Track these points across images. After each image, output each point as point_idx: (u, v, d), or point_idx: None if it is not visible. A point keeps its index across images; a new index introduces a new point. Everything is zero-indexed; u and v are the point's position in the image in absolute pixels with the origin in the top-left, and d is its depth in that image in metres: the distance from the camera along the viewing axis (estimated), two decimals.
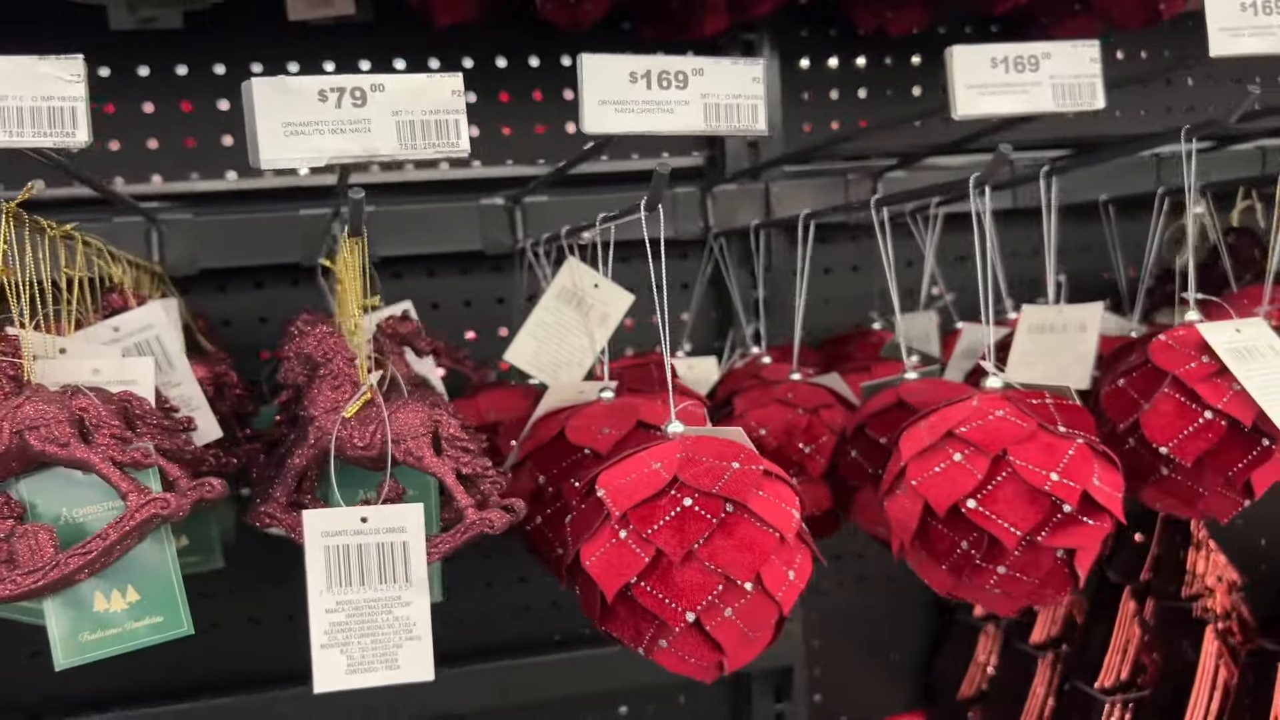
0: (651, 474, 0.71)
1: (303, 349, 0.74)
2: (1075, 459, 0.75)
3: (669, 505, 0.68)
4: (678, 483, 0.69)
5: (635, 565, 0.67)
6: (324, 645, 0.68)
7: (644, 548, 0.68)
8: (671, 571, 0.67)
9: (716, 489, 0.68)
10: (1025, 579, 0.75)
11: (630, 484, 0.70)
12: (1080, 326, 1.01)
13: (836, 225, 1.47)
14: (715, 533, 0.67)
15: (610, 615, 0.70)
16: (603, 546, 0.69)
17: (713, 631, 0.67)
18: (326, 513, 0.68)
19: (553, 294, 1.02)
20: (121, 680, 1.28)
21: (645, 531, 0.67)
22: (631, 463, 0.73)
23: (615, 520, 0.69)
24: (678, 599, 0.66)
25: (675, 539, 0.67)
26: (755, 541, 0.67)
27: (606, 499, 0.70)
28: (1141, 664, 1.31)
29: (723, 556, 0.67)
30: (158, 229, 1.20)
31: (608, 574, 0.68)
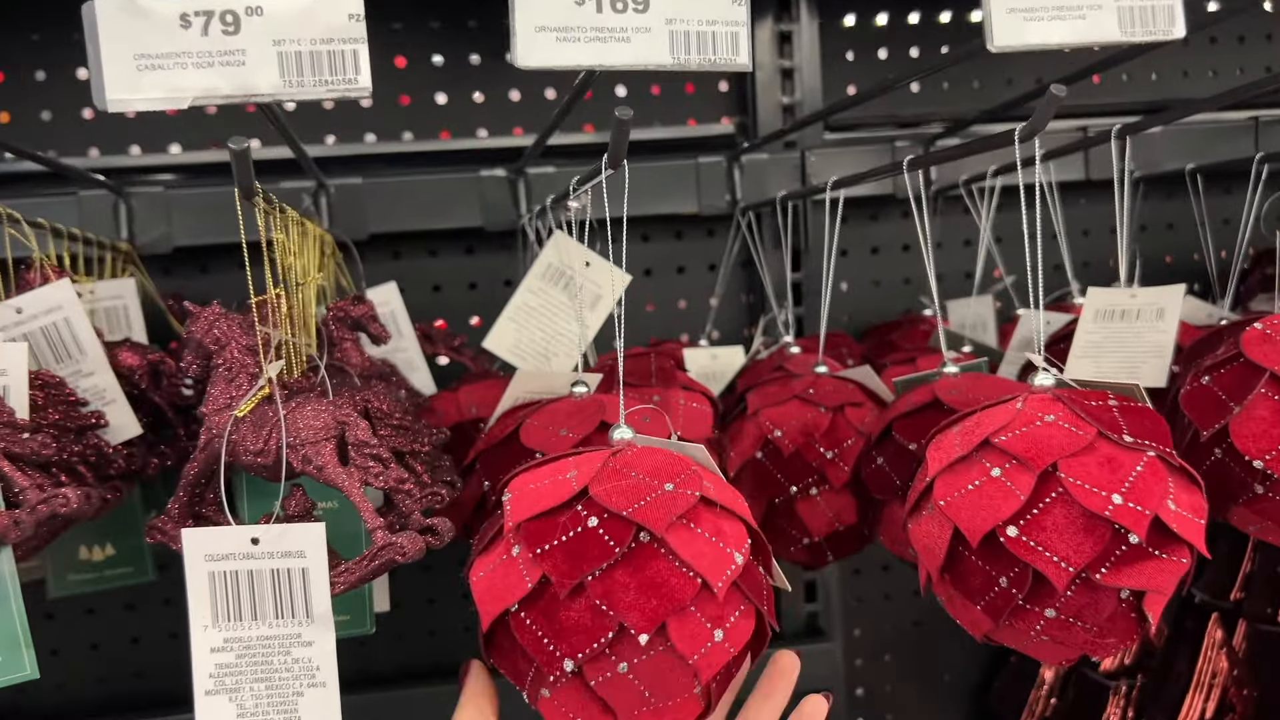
0: (562, 483, 0.58)
1: (192, 334, 0.63)
2: (1145, 476, 0.60)
3: (569, 523, 0.56)
4: (586, 497, 0.56)
5: (517, 590, 0.55)
6: (209, 692, 0.57)
7: (531, 570, 0.55)
8: (556, 605, 0.54)
9: (629, 511, 0.55)
10: (1080, 625, 0.60)
11: (536, 491, 0.58)
12: (1157, 313, 0.85)
13: (885, 200, 1.32)
14: (618, 565, 0.54)
15: (492, 645, 0.59)
16: (493, 562, 0.58)
17: (599, 688, 0.54)
18: (209, 532, 0.56)
19: (537, 273, 0.89)
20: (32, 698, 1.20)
21: (535, 550, 0.55)
22: (553, 467, 0.60)
23: (509, 532, 0.57)
24: (557, 640, 0.54)
25: (566, 565, 0.54)
26: (665, 585, 0.54)
27: (508, 505, 0.59)
28: (1229, 702, 1.14)
29: (619, 597, 0.53)
30: (126, 203, 1.10)
31: (488, 596, 0.56)
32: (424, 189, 1.16)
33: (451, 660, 1.29)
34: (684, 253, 1.30)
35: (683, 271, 1.31)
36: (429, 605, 1.29)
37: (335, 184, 1.13)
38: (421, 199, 1.16)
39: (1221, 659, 1.14)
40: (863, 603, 1.39)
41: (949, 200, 1.30)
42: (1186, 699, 1.13)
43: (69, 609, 1.20)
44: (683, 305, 1.31)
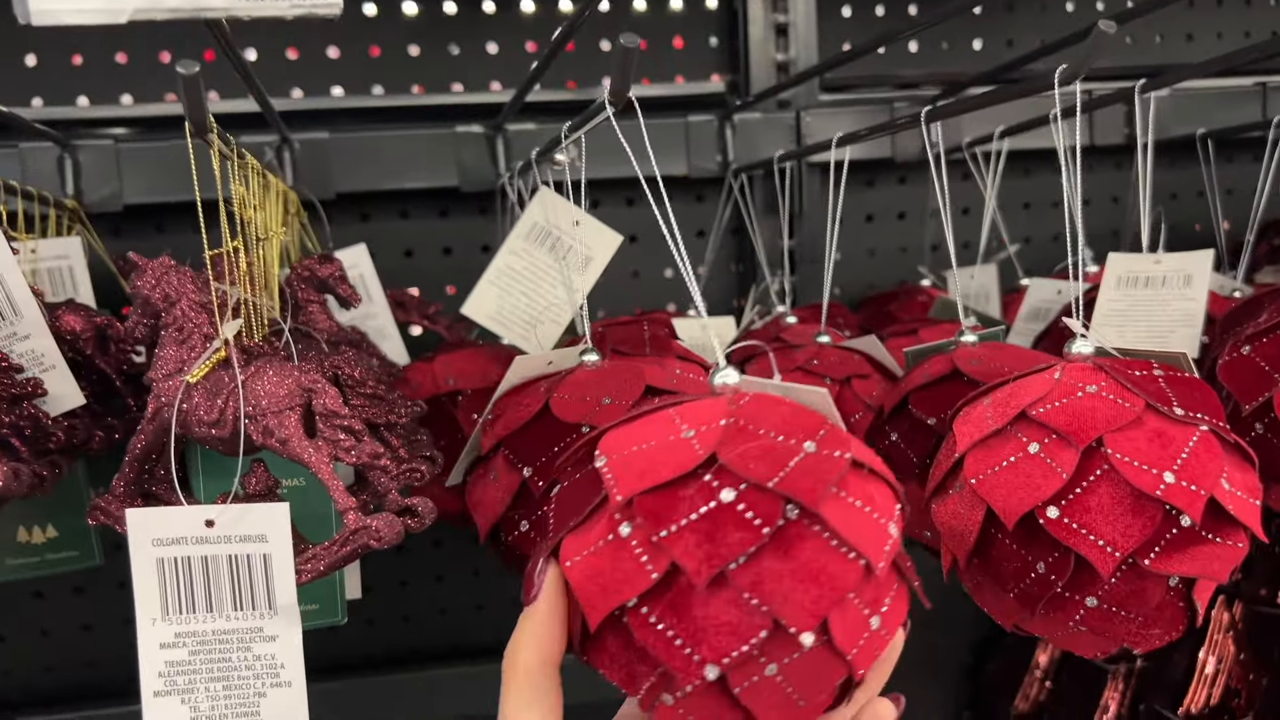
0: (679, 445, 0.45)
1: (138, 289, 0.55)
2: (1198, 453, 0.54)
3: (699, 497, 0.44)
4: (716, 464, 0.44)
5: (638, 581, 0.43)
6: (159, 693, 0.50)
7: (654, 556, 0.43)
8: (691, 600, 0.42)
9: (774, 482, 0.43)
10: (1124, 614, 0.55)
11: (646, 455, 0.46)
12: (1184, 280, 0.80)
13: (881, 165, 1.26)
14: (766, 549, 0.42)
15: (596, 645, 0.46)
16: (594, 543, 0.45)
17: (743, 696, 0.43)
18: (157, 513, 0.49)
19: (521, 233, 0.83)
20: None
21: (658, 533, 0.43)
22: (653, 423, 0.48)
23: (616, 506, 0.45)
24: (696, 643, 0.42)
25: (701, 551, 0.42)
26: (825, 570, 0.43)
27: (607, 473, 0.46)
28: (1234, 688, 1.10)
29: (772, 588, 0.42)
30: (72, 157, 1.02)
31: (595, 587, 0.44)
32: (395, 145, 1.08)
33: (427, 645, 1.24)
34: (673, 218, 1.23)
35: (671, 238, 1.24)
36: (401, 589, 1.22)
37: (300, 139, 1.06)
38: (392, 156, 1.09)
39: (1228, 643, 1.10)
40: None
41: (949, 165, 1.24)
42: (1191, 684, 1.09)
43: (14, 593, 1.13)
44: (669, 274, 1.25)
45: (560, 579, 0.46)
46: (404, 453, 0.60)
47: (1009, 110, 1.12)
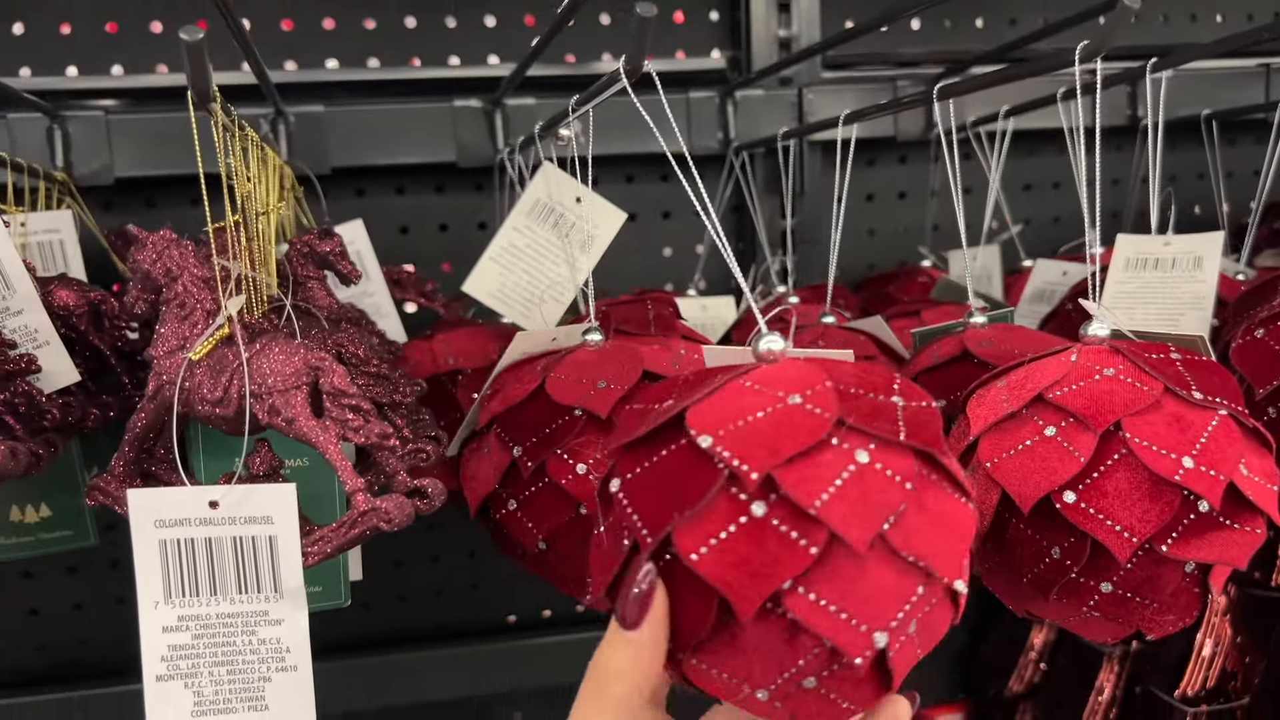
0: (794, 413, 0.42)
1: (138, 264, 0.54)
2: (1217, 438, 0.54)
3: (837, 462, 0.41)
4: (845, 427, 0.42)
5: (793, 560, 0.40)
6: (161, 677, 0.49)
7: (807, 531, 0.40)
8: (851, 569, 0.40)
9: (902, 436, 0.42)
10: (1139, 600, 0.55)
11: (760, 427, 0.42)
12: (1194, 262, 0.79)
13: (883, 144, 1.25)
14: (908, 507, 0.41)
15: (723, 639, 0.42)
16: (722, 529, 0.41)
17: (895, 657, 0.41)
18: (159, 494, 0.48)
19: (524, 209, 0.81)
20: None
21: (812, 504, 0.40)
22: (743, 394, 0.44)
23: (750, 487, 0.41)
24: (862, 613, 0.40)
25: (857, 517, 0.40)
26: (957, 517, 0.42)
27: (724, 451, 0.41)
28: (1231, 671, 1.10)
29: (920, 542, 0.41)
30: (62, 129, 0.99)
31: (743, 575, 0.40)
32: (391, 119, 1.07)
33: (422, 626, 1.23)
34: (671, 196, 1.22)
35: (669, 216, 1.23)
36: (396, 569, 1.21)
37: (295, 112, 1.04)
38: (388, 131, 1.07)
39: (1225, 626, 1.10)
40: None
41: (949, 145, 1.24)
42: (1189, 667, 1.09)
43: (4, 573, 1.11)
44: (668, 253, 1.24)
45: (665, 598, 0.42)
46: (409, 433, 0.59)
47: (1011, 90, 1.11)
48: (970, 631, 1.41)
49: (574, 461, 0.61)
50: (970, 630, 1.40)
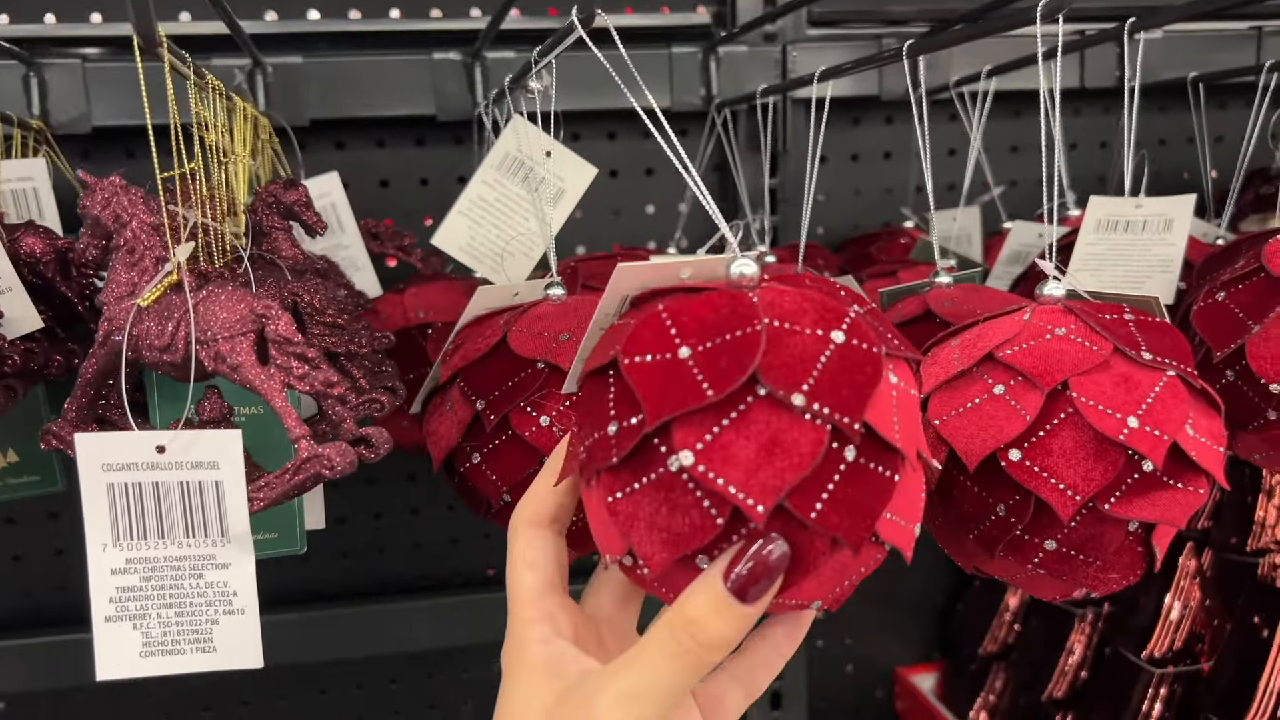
0: (850, 352, 0.41)
1: (88, 209, 0.54)
2: (1164, 398, 0.54)
3: (886, 391, 0.42)
4: (886, 357, 0.42)
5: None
6: (110, 618, 0.50)
7: (889, 463, 0.40)
8: (906, 482, 0.42)
9: (897, 344, 0.45)
10: (1083, 558, 0.55)
11: (834, 376, 0.40)
12: (1164, 225, 0.79)
13: (869, 103, 1.24)
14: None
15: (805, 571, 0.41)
16: (829, 482, 0.39)
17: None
18: (106, 438, 0.48)
19: (493, 163, 0.81)
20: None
21: (893, 437, 0.40)
22: (784, 339, 0.41)
23: (855, 439, 0.39)
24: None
25: (908, 438, 0.42)
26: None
27: (822, 409, 0.39)
28: (1198, 633, 1.11)
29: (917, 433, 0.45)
30: (38, 76, 0.99)
31: (849, 521, 0.39)
32: (370, 72, 1.06)
33: (400, 577, 1.25)
34: (654, 153, 1.22)
35: (651, 174, 1.22)
36: (375, 520, 1.23)
37: (273, 63, 1.03)
38: (368, 83, 1.06)
39: (1194, 589, 1.11)
40: None
41: (935, 105, 1.23)
42: (1156, 628, 1.10)
43: None
44: (650, 210, 1.23)
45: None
46: (365, 383, 0.59)
47: (1000, 50, 1.10)
48: (947, 594, 1.42)
49: (537, 414, 0.61)
50: (948, 593, 1.42)
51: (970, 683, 1.34)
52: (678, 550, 0.40)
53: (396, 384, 0.63)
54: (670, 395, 0.40)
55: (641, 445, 0.40)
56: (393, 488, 1.22)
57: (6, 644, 1.09)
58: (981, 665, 1.34)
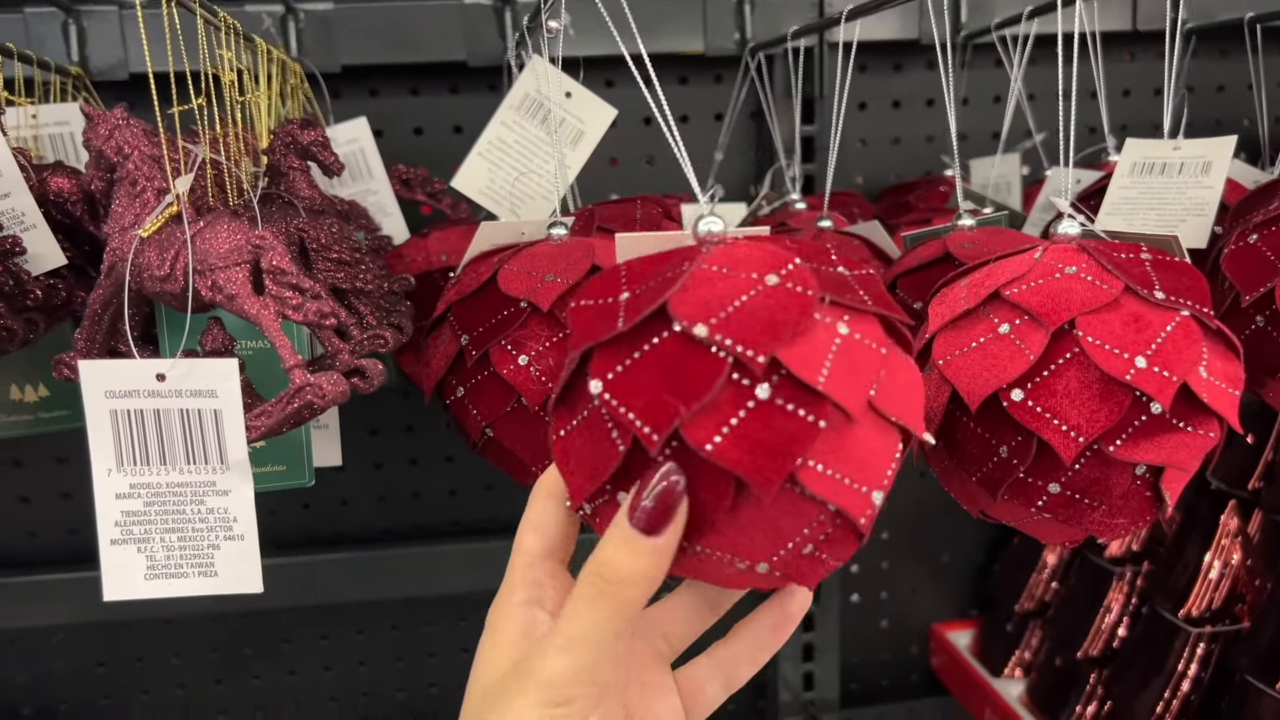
0: (778, 294, 0.41)
1: (91, 142, 0.55)
2: (1175, 338, 0.52)
3: (826, 336, 0.41)
4: (825, 303, 0.42)
5: (804, 437, 0.39)
6: (115, 541, 0.51)
7: (812, 407, 0.39)
8: (848, 435, 0.40)
9: (870, 303, 0.43)
10: (1088, 502, 0.54)
11: (748, 311, 0.40)
12: (1202, 167, 0.76)
13: (909, 48, 1.21)
14: (885, 370, 0.43)
15: (730, 521, 0.41)
16: (731, 417, 0.39)
17: (874, 515, 0.41)
18: (109, 365, 0.50)
19: (512, 104, 0.81)
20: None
21: (816, 380, 0.39)
22: (710, 281, 0.41)
23: (758, 371, 0.39)
24: (862, 476, 0.40)
25: (850, 386, 0.40)
26: (914, 375, 0.44)
27: (725, 340, 0.39)
28: (1239, 593, 1.08)
29: (898, 403, 0.42)
30: (77, 24, 1.01)
31: (755, 460, 0.39)
32: (401, 17, 1.06)
33: (401, 524, 1.26)
34: (689, 100, 1.20)
35: (686, 121, 1.21)
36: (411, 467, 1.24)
37: (305, 9, 1.04)
38: (398, 29, 1.06)
39: (1235, 548, 1.08)
40: None
41: (979, 50, 1.19)
42: (1195, 587, 1.08)
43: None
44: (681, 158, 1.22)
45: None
46: (372, 319, 0.60)
47: None
48: (985, 551, 1.40)
49: (516, 352, 0.61)
50: (985, 550, 1.40)
51: (1006, 640, 1.32)
52: (593, 481, 0.41)
53: (404, 322, 0.63)
54: (593, 330, 0.41)
55: (574, 380, 0.42)
56: (430, 435, 1.24)
57: (14, 580, 1.13)
58: (1018, 623, 1.32)
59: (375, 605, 1.29)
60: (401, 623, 1.31)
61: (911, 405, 0.42)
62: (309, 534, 1.24)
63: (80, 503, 1.19)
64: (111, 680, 1.26)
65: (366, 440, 1.22)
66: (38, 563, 1.18)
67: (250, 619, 1.28)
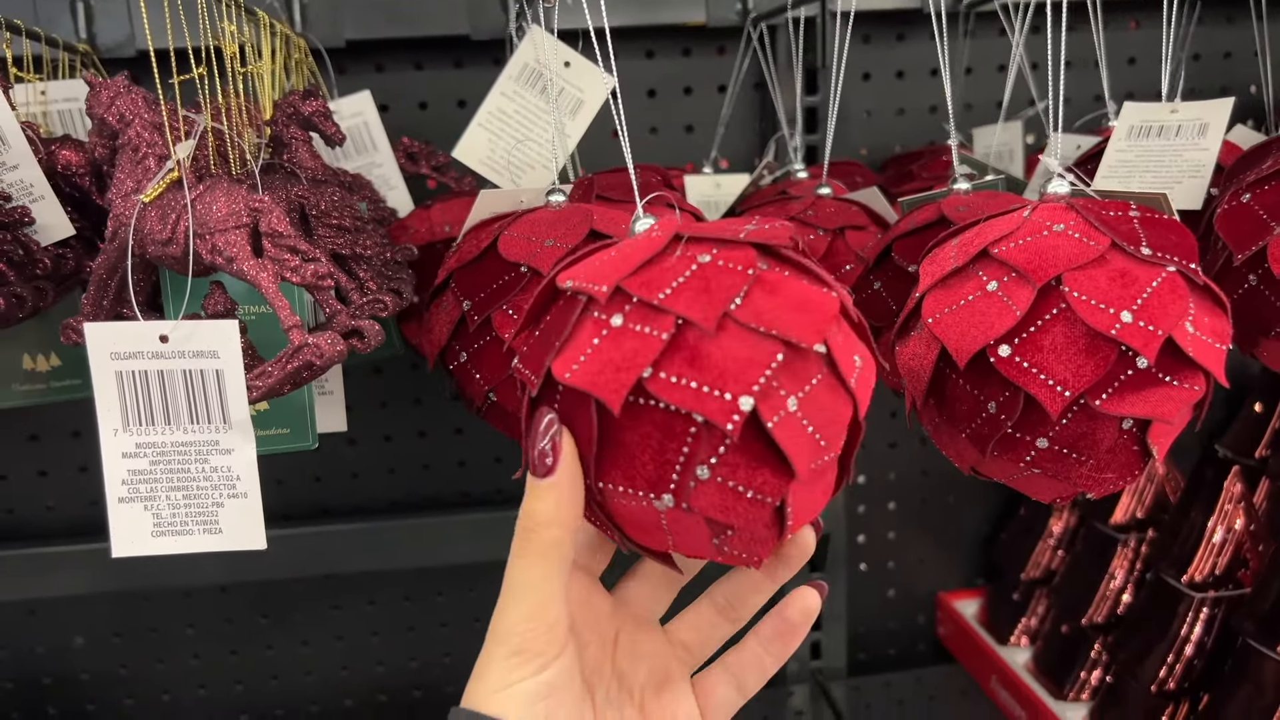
0: (641, 244, 0.46)
1: (93, 110, 0.56)
2: (1161, 293, 0.53)
3: (680, 265, 0.44)
4: (684, 240, 0.46)
5: (646, 350, 0.42)
6: (123, 499, 0.53)
7: (656, 323, 0.43)
8: (704, 346, 0.42)
9: (743, 235, 0.46)
10: (1076, 457, 0.55)
11: (612, 260, 0.46)
12: (1199, 129, 0.76)
13: (913, 17, 1.21)
14: (753, 289, 0.44)
15: (615, 449, 0.44)
16: (587, 347, 0.44)
17: (776, 431, 0.42)
18: (113, 328, 0.51)
19: (511, 74, 0.81)
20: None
21: (655, 299, 0.43)
22: (603, 254, 0.47)
23: (602, 304, 0.44)
24: (723, 383, 0.41)
25: (701, 301, 0.43)
26: (813, 299, 0.44)
27: (581, 283, 0.45)
28: (1243, 558, 1.09)
29: (773, 316, 0.43)
30: (84, 2, 1.02)
31: (606, 375, 0.42)
32: None
33: (411, 496, 1.28)
34: (692, 71, 1.21)
35: (690, 93, 1.21)
36: (421, 439, 1.26)
37: None
38: (401, 3, 1.07)
39: (1239, 514, 1.08)
40: (867, 449, 1.34)
41: (982, 19, 1.19)
42: (1198, 553, 1.08)
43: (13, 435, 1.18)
44: (690, 130, 1.23)
45: (570, 437, 0.45)
46: (373, 284, 0.61)
47: None
48: (991, 520, 1.41)
49: (517, 316, 0.62)
50: (991, 519, 1.41)
51: (1012, 609, 1.33)
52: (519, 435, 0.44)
53: (405, 288, 0.64)
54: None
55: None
56: (438, 407, 1.25)
57: (35, 551, 1.15)
58: (1024, 591, 1.33)
59: (386, 575, 1.31)
60: (413, 593, 1.32)
61: (798, 319, 0.43)
62: (320, 506, 1.26)
63: (96, 476, 1.21)
64: (129, 650, 1.29)
65: (376, 413, 1.24)
66: (57, 535, 1.21)
67: (263, 590, 1.30)
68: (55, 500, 1.21)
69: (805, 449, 0.43)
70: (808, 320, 0.43)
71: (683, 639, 0.55)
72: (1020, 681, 1.24)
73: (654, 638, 0.54)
